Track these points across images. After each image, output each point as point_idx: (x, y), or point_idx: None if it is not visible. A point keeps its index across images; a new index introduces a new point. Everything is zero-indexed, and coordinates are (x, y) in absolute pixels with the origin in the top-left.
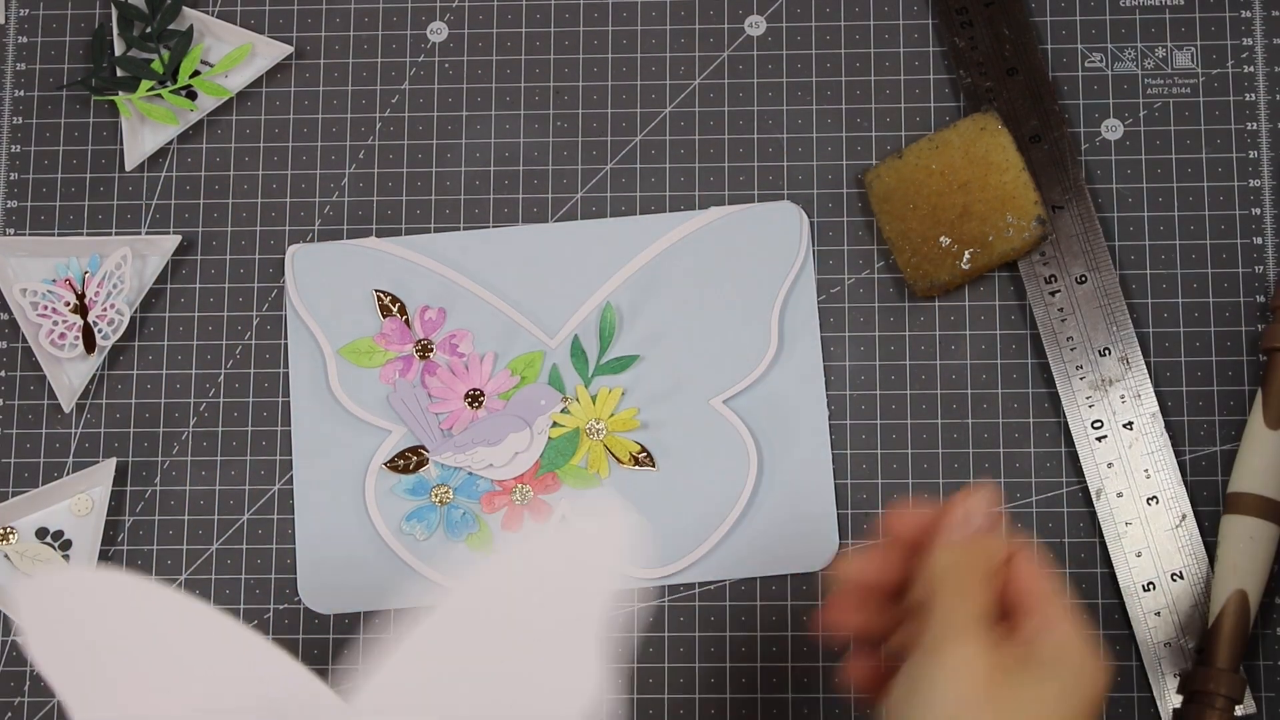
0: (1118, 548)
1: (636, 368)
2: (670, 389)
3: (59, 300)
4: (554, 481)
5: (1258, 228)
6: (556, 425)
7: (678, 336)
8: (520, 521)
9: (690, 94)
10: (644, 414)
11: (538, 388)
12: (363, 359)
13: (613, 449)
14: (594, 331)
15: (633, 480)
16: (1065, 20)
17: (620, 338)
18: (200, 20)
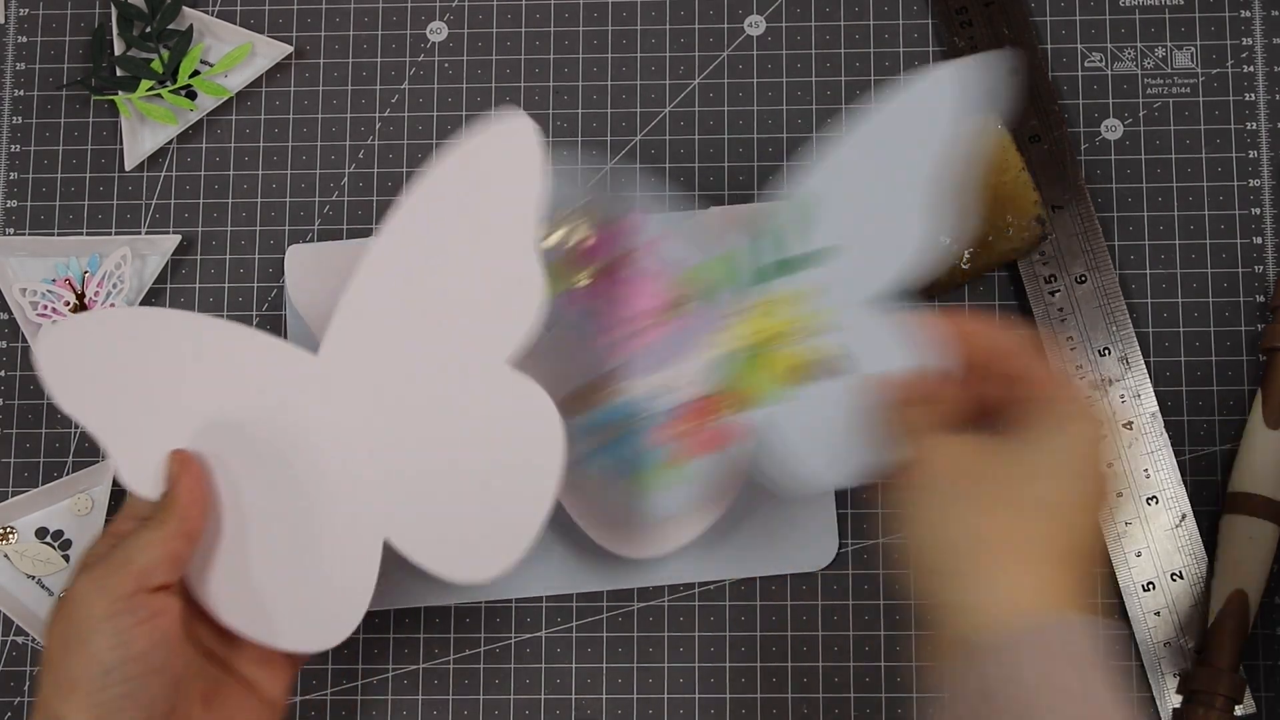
0: (1117, 547)
1: (823, 264)
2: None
3: (59, 300)
4: (735, 400)
5: (1257, 227)
6: (735, 338)
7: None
8: (703, 446)
9: (690, 94)
10: (830, 315)
11: (723, 299)
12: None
13: (795, 359)
14: (788, 220)
15: (821, 392)
16: (1065, 20)
17: (815, 226)
18: (200, 20)
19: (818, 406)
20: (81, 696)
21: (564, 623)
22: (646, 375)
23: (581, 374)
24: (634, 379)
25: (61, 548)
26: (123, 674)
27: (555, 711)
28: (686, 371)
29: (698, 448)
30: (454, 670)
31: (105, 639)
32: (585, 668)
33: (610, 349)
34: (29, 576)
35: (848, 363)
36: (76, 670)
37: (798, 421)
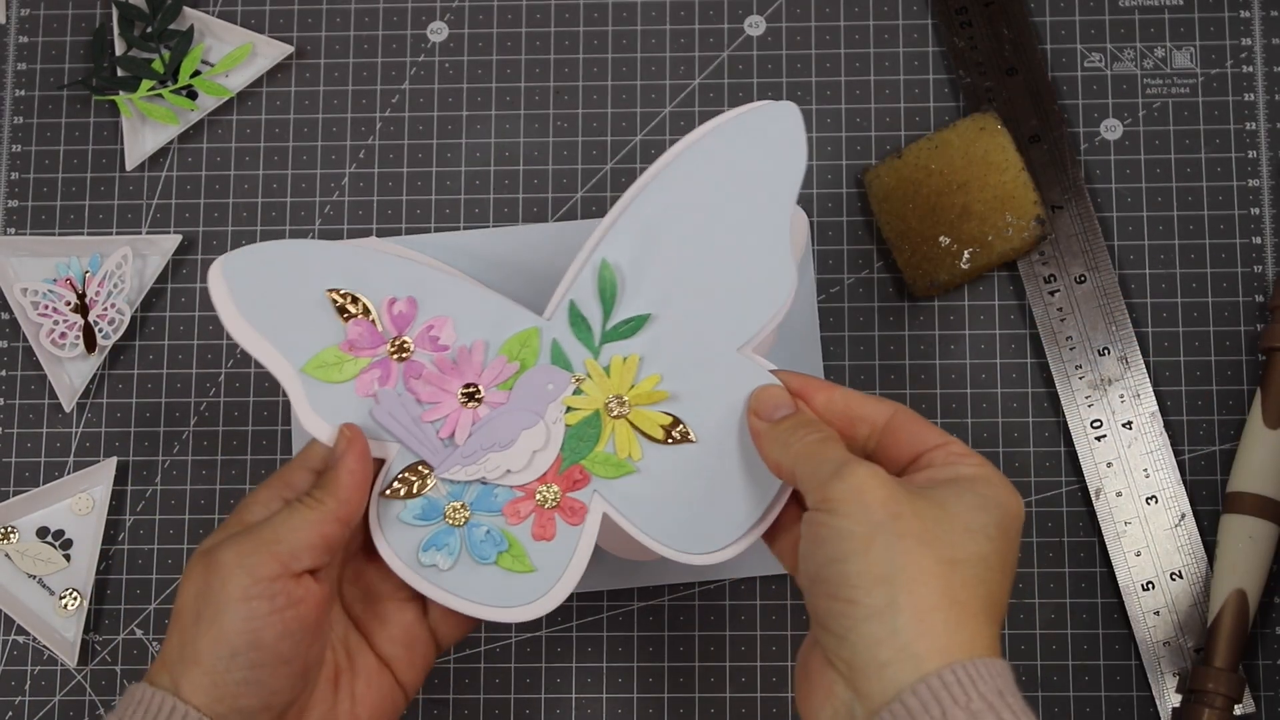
0: (1117, 547)
1: (648, 328)
2: (690, 347)
3: (60, 300)
4: (582, 475)
5: (1256, 227)
6: (572, 410)
7: (686, 284)
8: (553, 528)
9: (690, 94)
10: (668, 381)
11: (541, 370)
12: (331, 373)
13: (641, 426)
14: (592, 293)
15: (671, 458)
16: (1065, 20)
17: (624, 296)
18: (201, 20)
19: (670, 475)
20: (203, 674)
21: (564, 622)
22: (481, 455)
23: (408, 458)
24: (467, 462)
25: (62, 547)
26: (248, 660)
27: (555, 711)
28: (523, 449)
29: (544, 529)
30: (454, 670)
31: (237, 621)
32: (585, 668)
33: (434, 431)
34: (30, 576)
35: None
36: (203, 645)
37: (650, 492)
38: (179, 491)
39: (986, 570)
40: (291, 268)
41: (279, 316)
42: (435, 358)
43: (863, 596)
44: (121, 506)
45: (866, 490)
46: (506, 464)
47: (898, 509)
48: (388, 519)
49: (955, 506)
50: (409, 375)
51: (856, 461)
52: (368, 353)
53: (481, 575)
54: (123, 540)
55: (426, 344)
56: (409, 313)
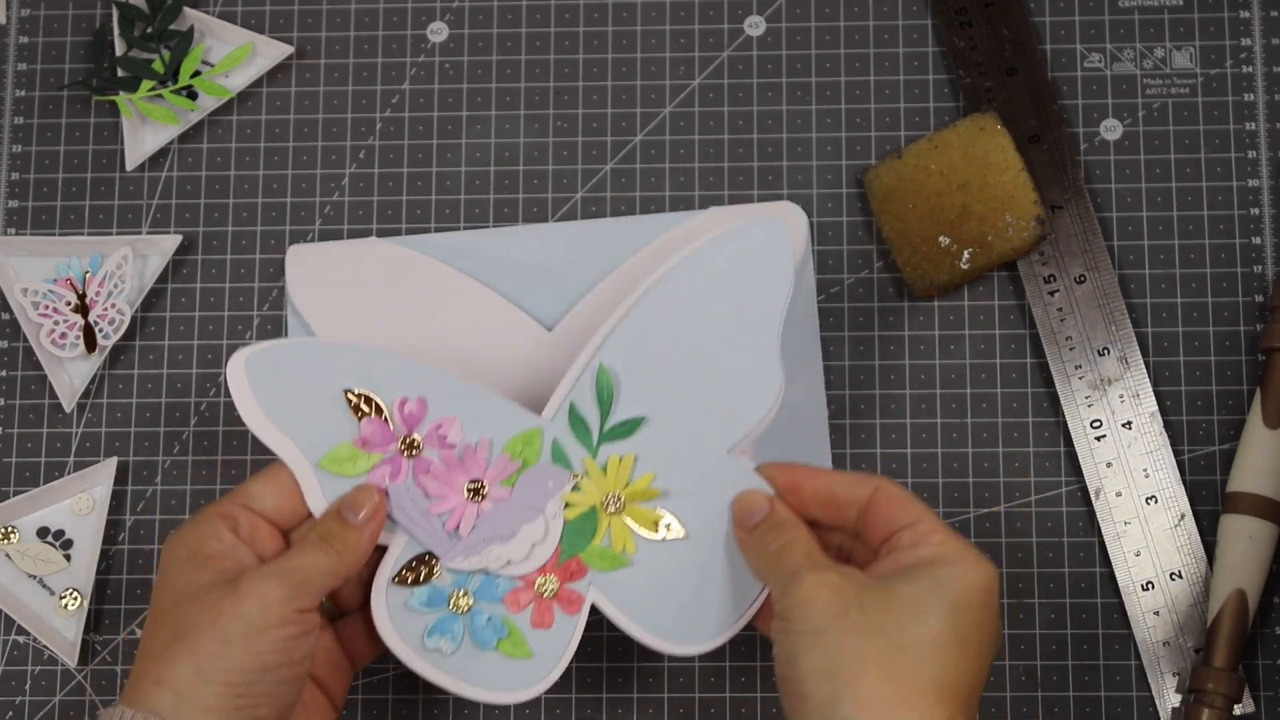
0: (1117, 547)
1: (643, 429)
2: (682, 447)
3: (60, 300)
4: (579, 567)
5: (1256, 227)
6: (570, 506)
7: (679, 388)
8: (551, 616)
9: (690, 94)
10: (661, 480)
11: (542, 468)
12: (345, 467)
13: (635, 522)
14: (590, 397)
15: (662, 553)
16: (1064, 20)
17: (620, 399)
18: (201, 20)
19: (662, 568)
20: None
21: None
22: (483, 547)
23: (415, 548)
24: (470, 553)
25: (63, 547)
26: (278, 677)
27: (555, 711)
28: (523, 542)
29: (542, 618)
30: None
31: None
32: (586, 667)
33: (440, 523)
34: (30, 576)
35: (687, 524)
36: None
37: (642, 585)
38: (179, 491)
39: (938, 650)
40: (309, 366)
41: (296, 412)
42: (443, 454)
43: (810, 691)
44: (122, 506)
45: (813, 599)
46: (508, 555)
47: (843, 609)
48: (394, 605)
49: (905, 591)
50: (418, 471)
51: (807, 571)
52: (380, 449)
53: (482, 660)
54: (123, 540)
55: (435, 442)
56: (419, 412)
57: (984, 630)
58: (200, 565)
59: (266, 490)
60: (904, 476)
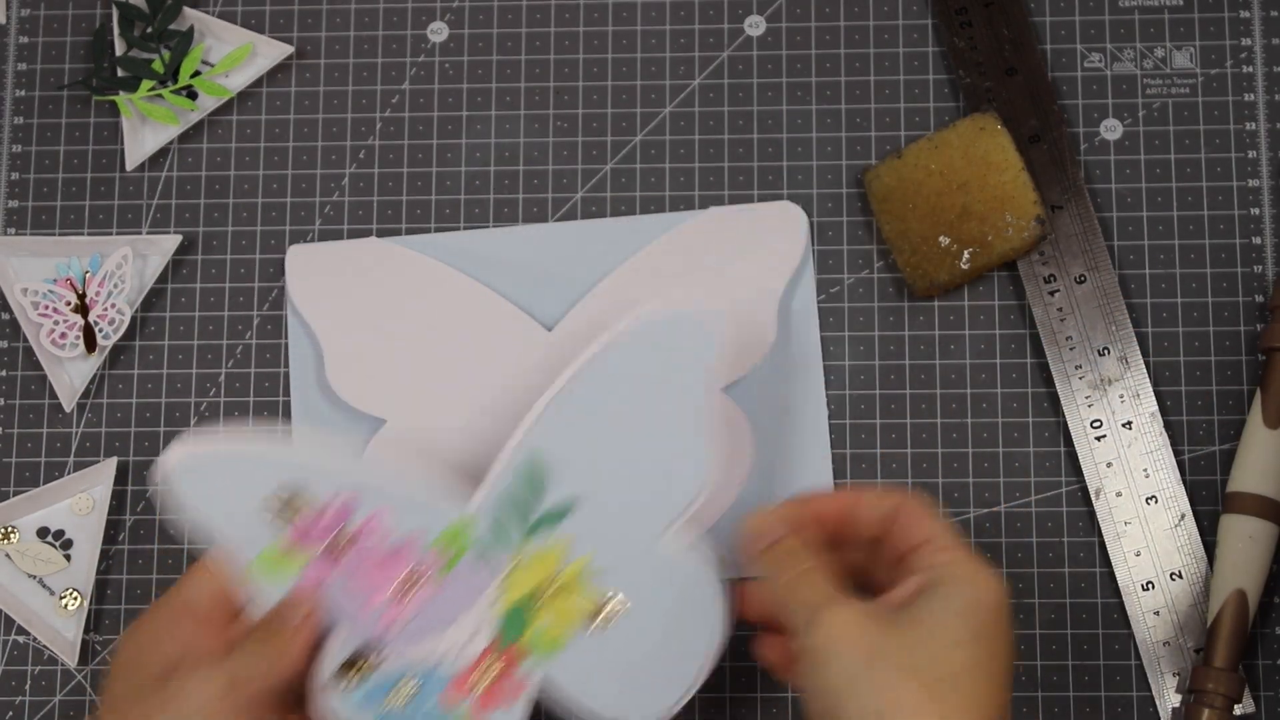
0: (1117, 547)
1: (577, 511)
2: (618, 526)
3: (60, 300)
4: (520, 652)
5: (1256, 227)
6: (507, 592)
7: (613, 466)
8: (494, 704)
9: (690, 94)
10: (598, 559)
11: (476, 557)
12: (277, 569)
13: (573, 604)
14: (522, 481)
15: (605, 631)
16: (1065, 20)
17: (553, 480)
18: (201, 20)
19: (602, 649)
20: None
21: None
22: (420, 639)
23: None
24: (409, 644)
25: (63, 547)
26: None
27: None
28: (461, 632)
29: (487, 705)
30: None
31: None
32: None
33: (376, 617)
34: (30, 576)
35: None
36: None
37: (585, 666)
38: None
39: (977, 677)
40: (240, 467)
41: (229, 513)
42: (375, 549)
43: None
44: (121, 506)
45: (842, 639)
46: (446, 646)
47: (874, 646)
48: (336, 702)
49: (933, 621)
50: (351, 568)
51: (827, 609)
52: (311, 547)
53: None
54: (123, 540)
55: (366, 537)
56: (349, 507)
57: (1005, 648)
58: (143, 664)
59: (202, 589)
60: (904, 477)
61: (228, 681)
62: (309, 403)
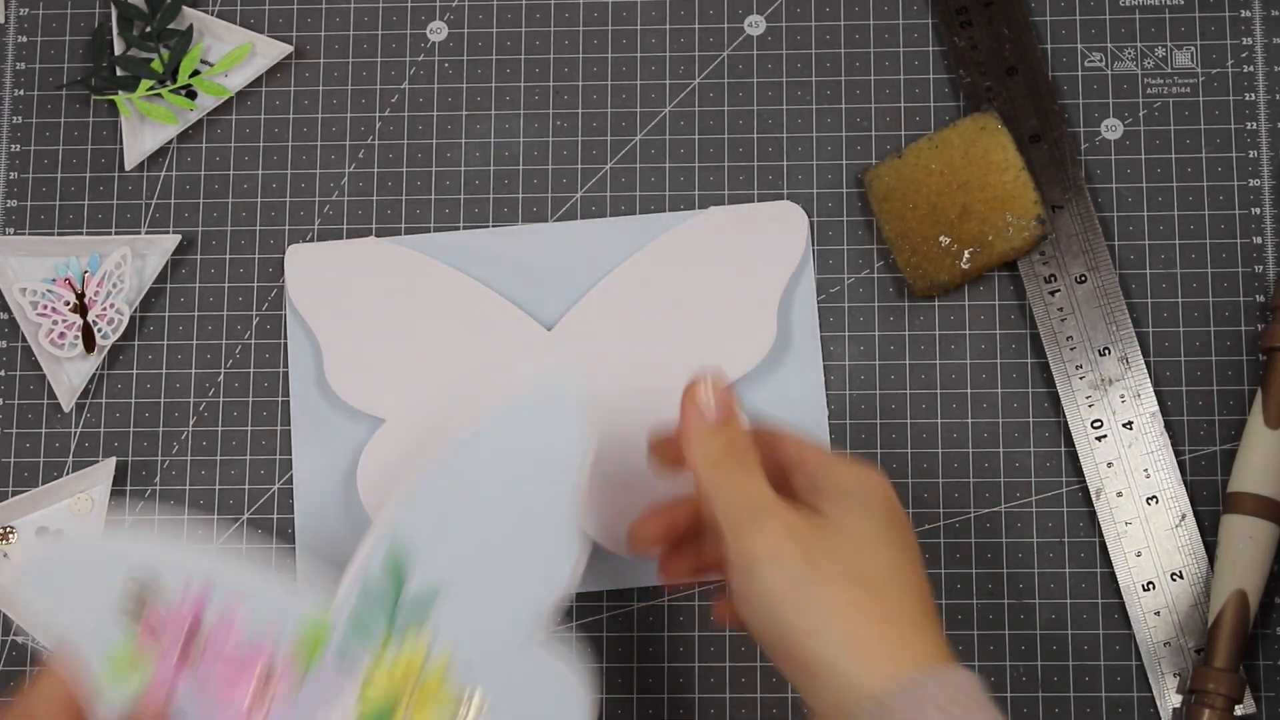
0: (1117, 547)
1: (442, 601)
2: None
3: (59, 300)
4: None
5: (1257, 227)
6: (365, 699)
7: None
8: None
9: (690, 94)
10: (460, 653)
11: (333, 659)
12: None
13: (436, 705)
14: (382, 570)
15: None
16: (1065, 20)
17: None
18: (200, 20)
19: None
20: None
21: (564, 623)
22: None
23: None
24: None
25: None
26: None
27: None
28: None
29: None
30: None
31: None
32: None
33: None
34: None
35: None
36: None
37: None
38: (178, 492)
39: (901, 572)
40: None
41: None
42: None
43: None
44: (120, 507)
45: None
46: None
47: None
48: None
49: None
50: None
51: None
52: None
53: None
54: None
55: (220, 635)
56: (201, 600)
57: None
58: None
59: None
60: (904, 477)
61: None
62: (308, 403)
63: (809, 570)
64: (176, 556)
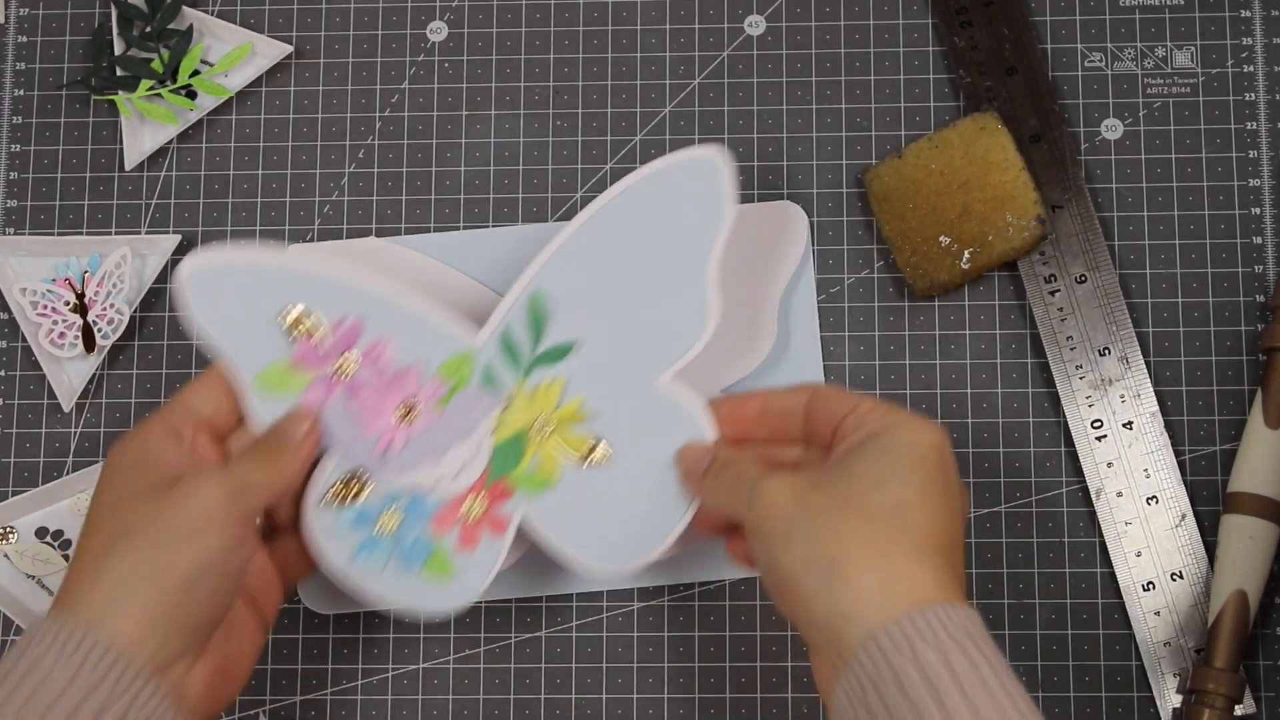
0: (1117, 547)
1: (575, 354)
2: (614, 372)
3: (59, 300)
4: (507, 488)
5: (1257, 227)
6: (500, 428)
7: (612, 314)
8: (477, 537)
9: (690, 94)
10: (590, 402)
11: (474, 391)
12: (279, 385)
13: (563, 446)
14: (524, 322)
15: (590, 477)
16: (1065, 20)
17: (553, 323)
18: (200, 20)
19: (588, 492)
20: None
21: (564, 623)
22: (412, 467)
23: (346, 466)
24: (400, 472)
25: (61, 547)
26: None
27: (555, 711)
28: (452, 463)
29: (470, 539)
30: (454, 670)
31: (212, 546)
32: (585, 668)
33: (372, 443)
34: (29, 576)
35: (615, 448)
36: (168, 561)
37: (569, 507)
38: None
39: (905, 511)
40: (250, 280)
41: (236, 328)
42: (376, 376)
43: (800, 586)
44: None
45: (774, 500)
46: (437, 475)
47: (804, 498)
48: (324, 523)
49: (860, 465)
50: (351, 392)
51: (760, 481)
52: (313, 369)
53: (407, 578)
54: None
55: (369, 362)
56: (355, 332)
57: (944, 485)
58: (144, 470)
59: (206, 399)
60: None
61: (233, 490)
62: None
63: (802, 511)
64: (336, 285)
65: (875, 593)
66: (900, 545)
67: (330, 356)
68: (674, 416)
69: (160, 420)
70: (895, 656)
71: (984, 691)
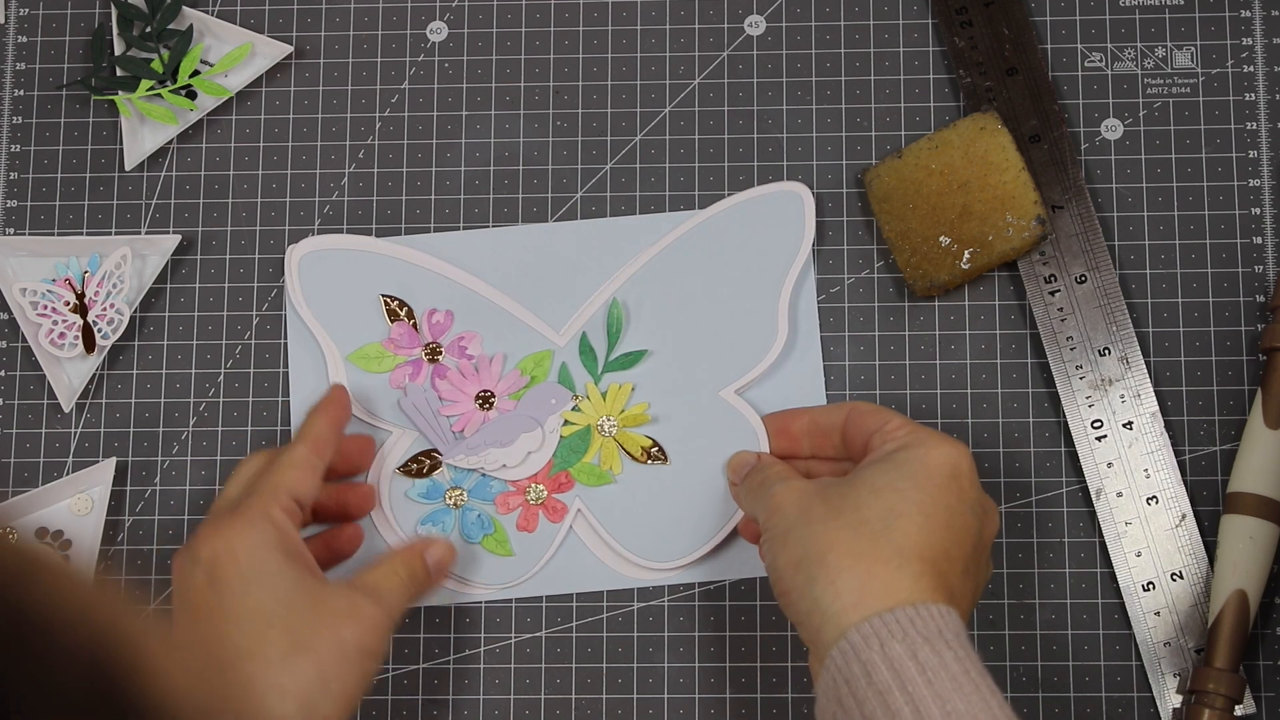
0: (1117, 547)
1: (645, 362)
2: (680, 382)
3: (59, 300)
4: (567, 480)
5: (1257, 227)
6: (568, 424)
7: (685, 329)
8: (535, 521)
9: (690, 94)
10: (654, 408)
11: (548, 387)
12: (372, 364)
13: (625, 445)
14: (601, 328)
15: (646, 476)
16: (1065, 20)
17: (628, 332)
18: (200, 20)
19: (644, 490)
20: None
21: (564, 623)
22: (483, 451)
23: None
24: (472, 453)
25: (61, 547)
26: None
27: (555, 711)
28: (520, 451)
29: (529, 523)
30: (454, 670)
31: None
32: (585, 668)
33: (449, 425)
34: None
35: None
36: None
37: (624, 503)
38: (178, 492)
39: (898, 520)
40: (355, 268)
41: (337, 308)
42: (460, 364)
43: (789, 584)
44: (120, 507)
45: (781, 503)
46: (504, 460)
47: (807, 503)
48: (396, 493)
49: (866, 476)
50: (436, 375)
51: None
52: (405, 352)
53: (467, 553)
54: (122, 541)
55: (456, 352)
56: (445, 323)
57: (951, 501)
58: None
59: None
60: None
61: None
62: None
63: (803, 515)
64: (429, 284)
65: (852, 593)
66: (882, 549)
67: (421, 342)
68: (732, 427)
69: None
70: (865, 651)
71: (950, 682)
